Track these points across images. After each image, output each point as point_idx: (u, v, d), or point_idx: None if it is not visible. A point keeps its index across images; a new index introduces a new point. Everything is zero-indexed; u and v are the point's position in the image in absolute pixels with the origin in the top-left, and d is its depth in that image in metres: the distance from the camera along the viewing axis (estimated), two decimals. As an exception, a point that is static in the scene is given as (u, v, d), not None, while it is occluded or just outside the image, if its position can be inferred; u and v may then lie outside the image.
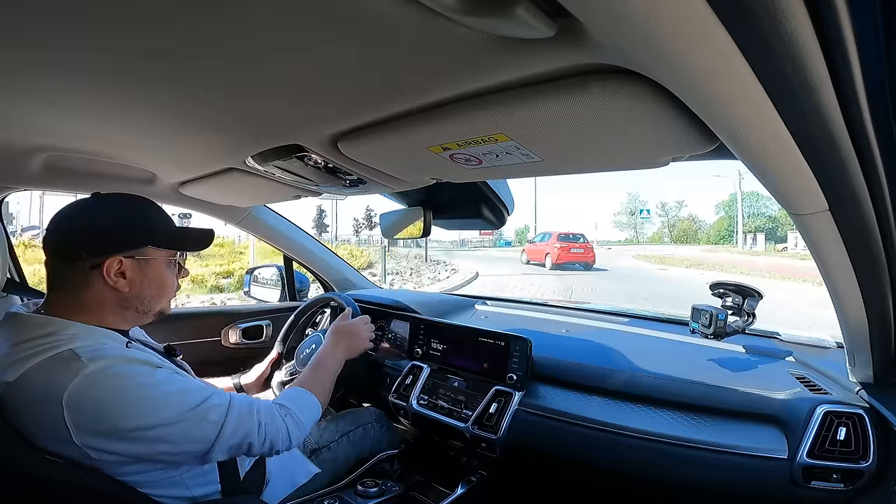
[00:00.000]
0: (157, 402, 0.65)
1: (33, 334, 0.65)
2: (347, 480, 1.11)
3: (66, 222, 0.71)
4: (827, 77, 0.35)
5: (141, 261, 0.74)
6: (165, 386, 0.68)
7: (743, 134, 0.46)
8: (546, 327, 1.36)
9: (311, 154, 0.79)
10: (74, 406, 0.60)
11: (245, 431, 0.73)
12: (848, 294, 0.68)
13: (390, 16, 0.38)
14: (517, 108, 0.52)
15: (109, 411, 0.62)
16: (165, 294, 0.80)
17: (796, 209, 0.58)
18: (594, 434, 0.95)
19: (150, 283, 0.76)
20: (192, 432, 0.68)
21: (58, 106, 0.66)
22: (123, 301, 0.74)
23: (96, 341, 0.67)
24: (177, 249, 0.79)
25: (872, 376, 0.79)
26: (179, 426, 0.66)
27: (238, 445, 0.73)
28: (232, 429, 0.71)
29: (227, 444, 0.71)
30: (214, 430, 0.70)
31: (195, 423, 0.68)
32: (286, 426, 0.80)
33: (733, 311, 0.97)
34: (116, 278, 0.71)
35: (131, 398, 0.64)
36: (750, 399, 0.90)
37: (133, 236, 0.73)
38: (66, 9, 0.41)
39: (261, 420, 0.76)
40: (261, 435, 0.75)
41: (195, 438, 0.68)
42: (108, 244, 0.71)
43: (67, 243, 0.71)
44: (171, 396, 0.67)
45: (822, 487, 0.77)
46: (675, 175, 72.78)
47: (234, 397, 0.75)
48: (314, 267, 1.80)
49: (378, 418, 1.29)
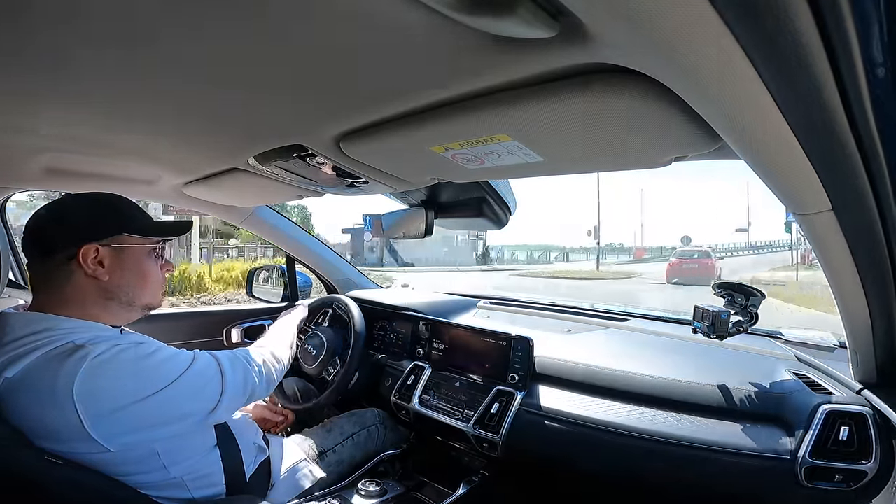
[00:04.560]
0: (157, 367, 0.70)
1: (28, 330, 0.65)
2: (349, 480, 1.11)
3: (40, 220, 0.74)
4: (830, 77, 0.35)
5: (117, 248, 0.75)
6: (161, 353, 0.73)
7: (746, 134, 0.46)
8: (548, 327, 1.36)
9: (314, 154, 0.79)
10: (85, 393, 0.61)
11: (242, 367, 0.82)
12: (851, 293, 0.68)
13: (392, 16, 0.39)
14: (519, 108, 0.51)
15: (118, 389, 0.65)
16: (148, 284, 0.80)
17: (800, 209, 0.58)
18: (596, 435, 0.95)
19: (130, 271, 0.76)
20: (198, 387, 0.74)
21: (61, 107, 0.66)
22: (105, 292, 0.74)
23: (93, 333, 0.69)
24: (152, 235, 0.80)
25: (875, 376, 0.79)
26: (184, 381, 0.72)
27: (243, 383, 0.81)
28: (230, 366, 0.79)
29: (232, 390, 0.78)
30: (216, 375, 0.77)
31: (197, 377, 0.74)
32: (264, 360, 0.89)
33: (736, 311, 0.96)
34: (94, 266, 0.72)
35: (135, 371, 0.68)
36: (752, 399, 0.90)
37: (106, 224, 0.74)
38: (68, 10, 0.41)
39: (245, 357, 0.85)
40: (255, 370, 0.85)
41: (203, 392, 0.75)
42: (82, 233, 0.72)
43: (43, 239, 0.73)
44: (168, 361, 0.72)
45: (824, 488, 0.76)
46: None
47: (214, 352, 0.82)
48: (316, 267, 1.81)
49: (382, 420, 1.29)
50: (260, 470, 0.92)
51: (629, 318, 1.38)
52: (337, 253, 1.88)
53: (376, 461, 1.20)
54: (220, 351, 0.82)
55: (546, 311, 1.52)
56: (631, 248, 41.00)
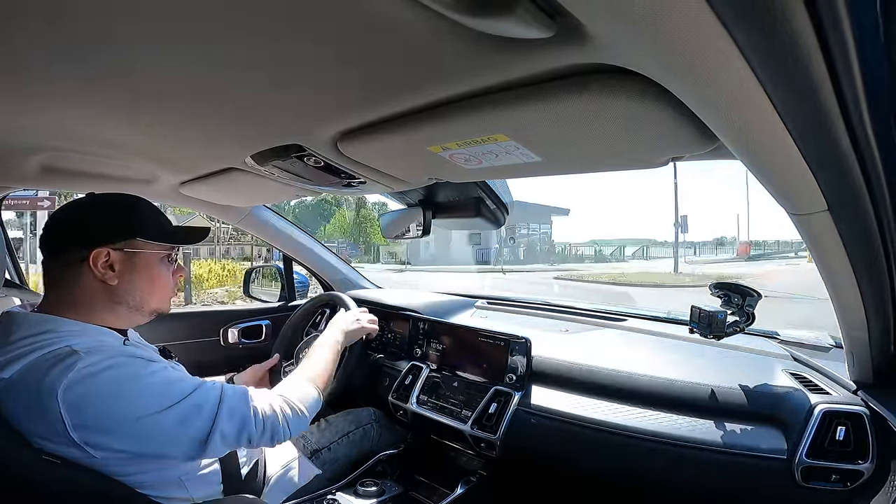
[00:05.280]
0: (149, 391, 0.65)
1: (30, 332, 0.65)
2: (347, 480, 1.11)
3: (57, 220, 0.73)
4: (826, 77, 0.35)
5: (129, 253, 0.73)
6: (157, 376, 0.68)
7: (743, 134, 0.46)
8: (546, 327, 1.36)
9: (311, 154, 0.79)
10: (70, 402, 0.60)
11: (241, 418, 0.71)
12: (847, 294, 0.68)
13: (390, 16, 0.38)
14: (517, 108, 0.52)
15: (105, 405, 0.62)
16: (158, 290, 0.78)
17: (796, 209, 0.59)
18: (593, 435, 0.95)
19: (140, 276, 0.75)
20: (187, 421, 0.67)
21: (57, 106, 0.66)
22: (114, 296, 0.73)
23: (94, 339, 0.67)
24: (166, 242, 0.78)
25: (872, 376, 0.79)
26: (173, 414, 0.66)
27: (236, 435, 0.71)
28: (227, 415, 0.70)
29: (223, 432, 0.69)
30: (209, 418, 0.68)
31: (189, 411, 0.67)
32: (284, 414, 0.77)
33: (733, 311, 0.97)
34: (104, 270, 0.71)
35: (125, 390, 0.64)
36: (749, 399, 0.90)
37: (120, 228, 0.73)
38: (67, 9, 0.41)
39: (256, 406, 0.73)
40: (258, 423, 0.73)
41: (191, 427, 0.67)
42: (95, 236, 0.71)
43: (57, 239, 0.72)
44: (163, 386, 0.67)
45: (821, 488, 0.77)
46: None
47: (227, 386, 0.74)
48: (314, 267, 1.80)
49: (377, 418, 1.29)
50: (254, 468, 0.91)
51: (626, 318, 1.38)
52: (334, 252, 1.88)
53: (374, 461, 1.20)
54: (233, 388, 0.74)
55: (544, 311, 1.52)
56: (733, 241, 31.82)
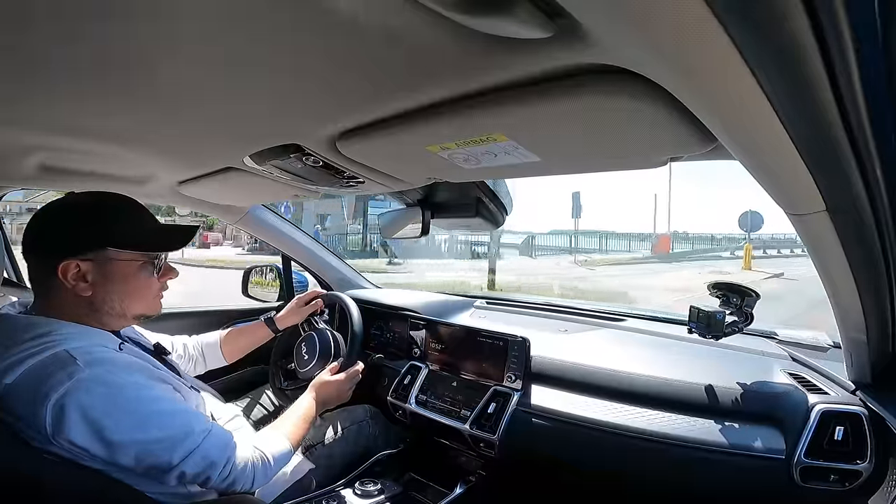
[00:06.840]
0: (144, 419, 0.65)
1: (28, 335, 0.65)
2: (346, 480, 1.11)
3: (29, 226, 0.70)
4: (825, 77, 0.35)
5: (101, 264, 0.70)
6: (155, 405, 0.67)
7: (741, 134, 0.46)
8: (544, 327, 1.36)
9: (310, 154, 0.79)
10: (59, 409, 0.60)
11: (209, 463, 0.70)
12: (845, 294, 0.68)
13: (389, 16, 0.38)
14: (516, 108, 0.51)
15: (97, 420, 0.61)
16: (140, 298, 0.76)
17: (794, 209, 0.59)
18: (592, 434, 0.95)
19: (117, 287, 0.72)
20: (163, 453, 0.66)
21: (55, 105, 0.66)
22: (93, 304, 0.71)
23: (90, 342, 0.67)
24: (142, 251, 0.74)
25: (870, 376, 0.79)
26: (155, 446, 0.65)
27: (196, 475, 0.69)
28: (198, 458, 0.68)
29: (185, 469, 0.68)
30: (181, 454, 0.67)
31: (170, 446, 0.66)
32: (254, 468, 0.76)
33: (731, 311, 0.97)
34: (75, 282, 0.68)
35: (120, 411, 0.63)
36: (748, 399, 0.90)
37: (88, 238, 0.70)
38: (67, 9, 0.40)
39: (229, 456, 0.72)
40: (224, 472, 0.71)
41: (163, 459, 0.66)
42: (61, 247, 0.68)
43: (28, 248, 0.70)
44: (158, 417, 0.67)
45: (819, 487, 0.77)
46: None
47: (214, 430, 0.72)
48: (312, 266, 1.80)
49: (372, 415, 1.29)
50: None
51: (625, 318, 1.38)
52: (333, 251, 1.88)
53: (373, 461, 1.20)
54: (219, 433, 0.73)
55: (542, 311, 1.52)
56: (649, 234, 22.48)
